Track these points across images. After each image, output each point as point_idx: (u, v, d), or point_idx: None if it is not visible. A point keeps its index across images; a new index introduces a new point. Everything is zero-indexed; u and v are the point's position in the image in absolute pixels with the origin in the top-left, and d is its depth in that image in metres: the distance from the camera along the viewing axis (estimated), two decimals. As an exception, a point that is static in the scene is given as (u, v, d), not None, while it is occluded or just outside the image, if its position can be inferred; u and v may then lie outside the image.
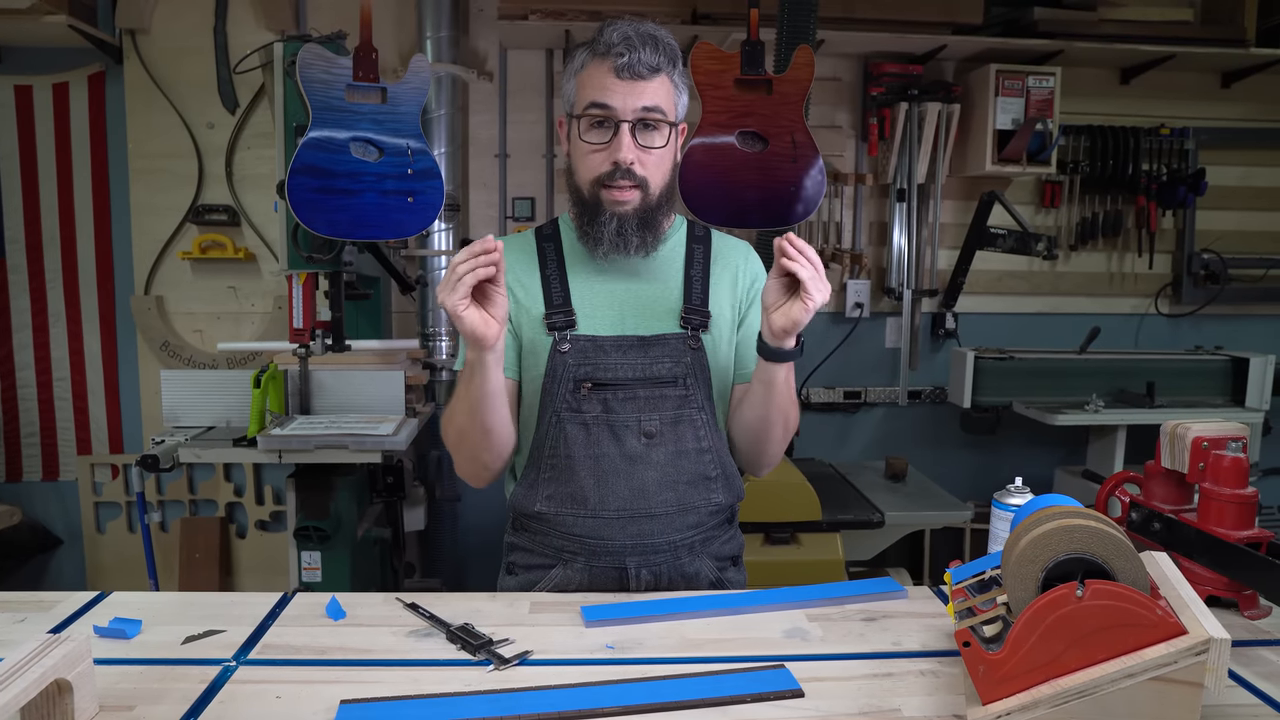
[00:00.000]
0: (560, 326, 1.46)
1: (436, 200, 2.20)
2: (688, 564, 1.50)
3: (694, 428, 1.47)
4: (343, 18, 2.74)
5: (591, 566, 1.47)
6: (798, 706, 1.06)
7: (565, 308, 1.47)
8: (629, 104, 1.39)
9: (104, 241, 3.25)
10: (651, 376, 1.45)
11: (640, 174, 1.42)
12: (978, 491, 3.31)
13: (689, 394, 1.47)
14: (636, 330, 1.47)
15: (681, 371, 1.46)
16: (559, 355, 1.44)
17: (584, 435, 1.44)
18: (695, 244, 1.56)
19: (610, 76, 1.39)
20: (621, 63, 1.38)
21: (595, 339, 1.45)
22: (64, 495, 3.37)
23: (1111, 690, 0.91)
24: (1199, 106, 3.49)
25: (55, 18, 2.82)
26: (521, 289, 1.49)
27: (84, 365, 3.31)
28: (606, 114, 1.40)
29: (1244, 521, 1.29)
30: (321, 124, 2.09)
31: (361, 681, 1.10)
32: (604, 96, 1.39)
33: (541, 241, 1.54)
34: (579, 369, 1.44)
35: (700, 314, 1.49)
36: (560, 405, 1.44)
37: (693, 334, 1.48)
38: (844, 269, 3.43)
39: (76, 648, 0.94)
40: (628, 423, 1.44)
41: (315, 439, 2.41)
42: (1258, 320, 3.65)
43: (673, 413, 1.46)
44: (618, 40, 1.39)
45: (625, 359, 1.45)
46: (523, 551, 1.54)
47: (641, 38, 1.40)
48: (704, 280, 1.52)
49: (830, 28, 2.96)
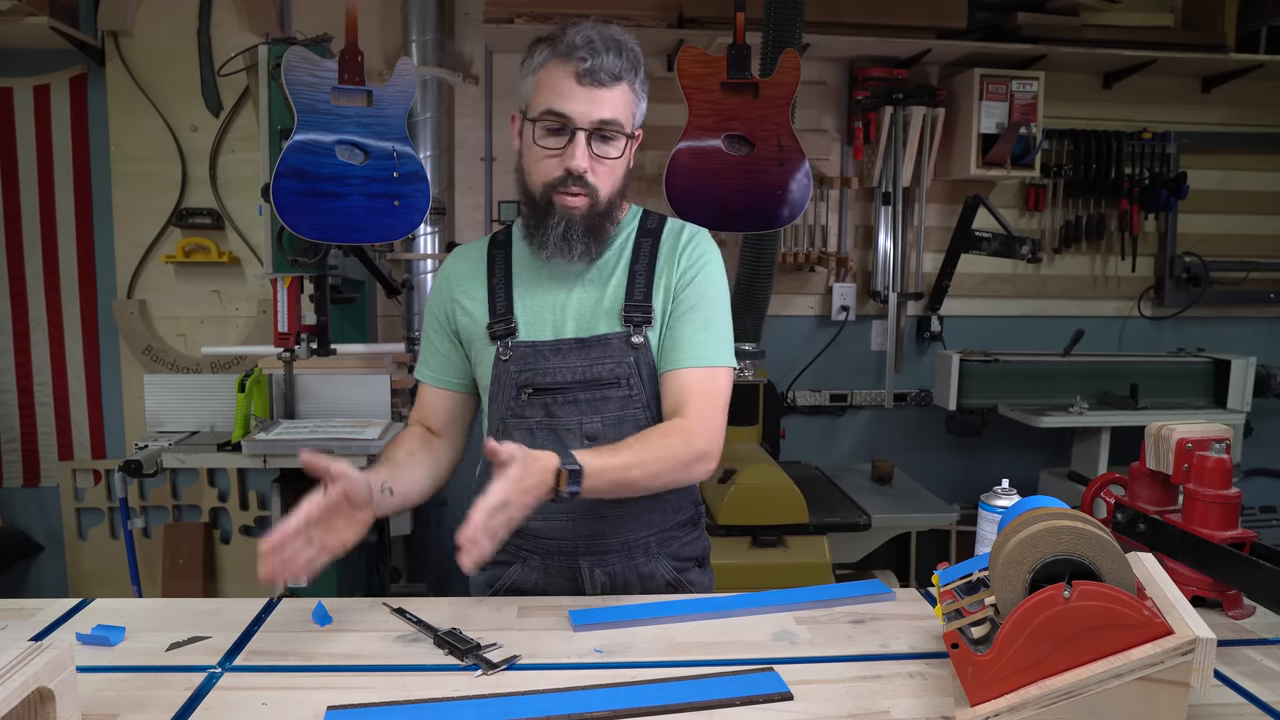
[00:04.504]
0: (501, 335, 1.45)
1: (422, 204, 2.19)
2: (643, 564, 1.49)
3: (638, 426, 1.42)
4: (328, 20, 2.72)
5: (546, 565, 1.48)
6: (786, 710, 1.06)
7: (506, 316, 1.46)
8: (587, 113, 1.36)
9: (86, 245, 3.22)
10: (591, 379, 1.43)
11: (592, 182, 1.39)
12: (963, 494, 3.32)
13: (632, 394, 1.44)
14: (576, 332, 1.45)
15: (624, 372, 1.43)
16: (501, 363, 1.45)
17: (529, 440, 1.41)
18: (644, 237, 1.49)
19: (570, 81, 1.35)
20: (584, 68, 1.34)
21: (535, 344, 1.44)
22: (45, 501, 3.34)
23: (1099, 691, 0.92)
24: (1180, 111, 3.52)
25: (36, 19, 2.79)
26: (469, 301, 1.49)
27: (66, 370, 3.28)
28: (563, 122, 1.37)
29: (1228, 522, 1.30)
30: (307, 127, 2.08)
31: (348, 687, 1.10)
32: (562, 104, 1.36)
33: (493, 249, 1.53)
34: (520, 375, 1.44)
35: (642, 310, 1.44)
36: (505, 412, 1.45)
37: (635, 330, 1.44)
38: (830, 272, 3.44)
39: (59, 655, 0.92)
40: (569, 426, 1.43)
41: (300, 443, 2.39)
42: (1239, 322, 3.68)
43: (615, 414, 1.44)
44: (581, 43, 1.35)
45: (564, 362, 1.43)
46: None
47: (605, 42, 1.36)
48: (648, 275, 1.46)
49: (816, 32, 2.96)
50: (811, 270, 3.43)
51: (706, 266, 1.47)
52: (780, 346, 3.41)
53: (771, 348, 3.18)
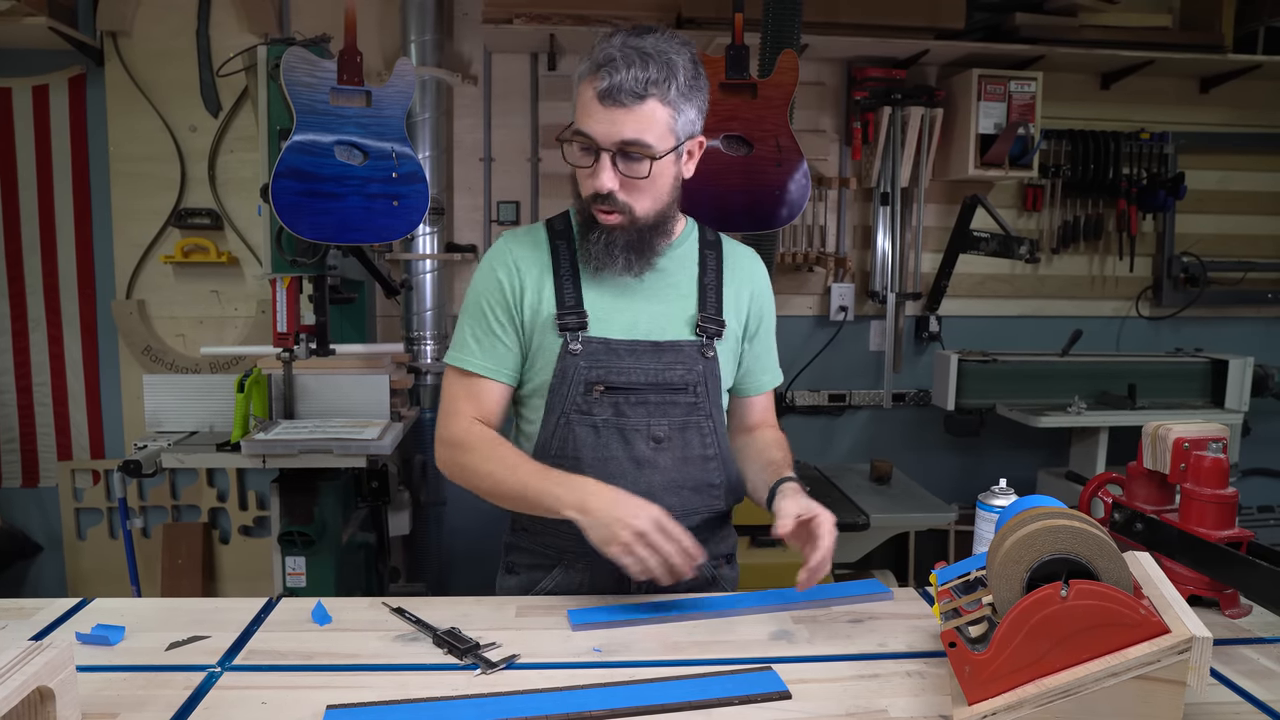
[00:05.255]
0: (573, 328, 1.42)
1: (421, 204, 2.19)
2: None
3: (701, 434, 1.48)
4: (326, 21, 2.73)
5: (593, 567, 1.45)
6: (785, 709, 1.06)
7: (578, 309, 1.43)
8: (609, 134, 1.32)
9: (85, 246, 3.22)
10: (664, 382, 1.44)
11: (622, 200, 1.37)
12: (962, 493, 3.33)
13: (699, 401, 1.47)
14: (650, 335, 1.45)
15: (694, 379, 1.46)
16: (570, 356, 1.42)
17: (593, 438, 1.43)
18: (707, 250, 1.53)
19: (594, 102, 1.32)
20: (603, 88, 1.30)
21: (608, 341, 1.43)
22: (44, 501, 3.34)
23: (1096, 689, 0.92)
24: (1178, 111, 3.52)
25: (35, 19, 2.79)
26: (533, 288, 1.45)
27: (64, 370, 3.28)
28: (590, 142, 1.34)
29: (1225, 521, 1.31)
30: (306, 127, 2.09)
31: (348, 687, 1.10)
32: (587, 125, 1.33)
33: (554, 238, 1.49)
34: (591, 371, 1.42)
35: (716, 323, 1.48)
36: (570, 407, 1.43)
37: (707, 342, 1.47)
38: (828, 273, 3.44)
39: (59, 654, 0.93)
40: (637, 427, 1.44)
41: (299, 443, 2.40)
42: (1236, 322, 3.68)
43: (681, 419, 1.46)
44: (604, 60, 1.30)
45: (638, 363, 1.43)
46: (523, 551, 1.53)
47: (627, 56, 1.30)
48: (718, 288, 1.50)
49: (814, 32, 2.97)
50: (810, 270, 3.44)
51: (769, 292, 1.60)
52: (779, 346, 3.40)
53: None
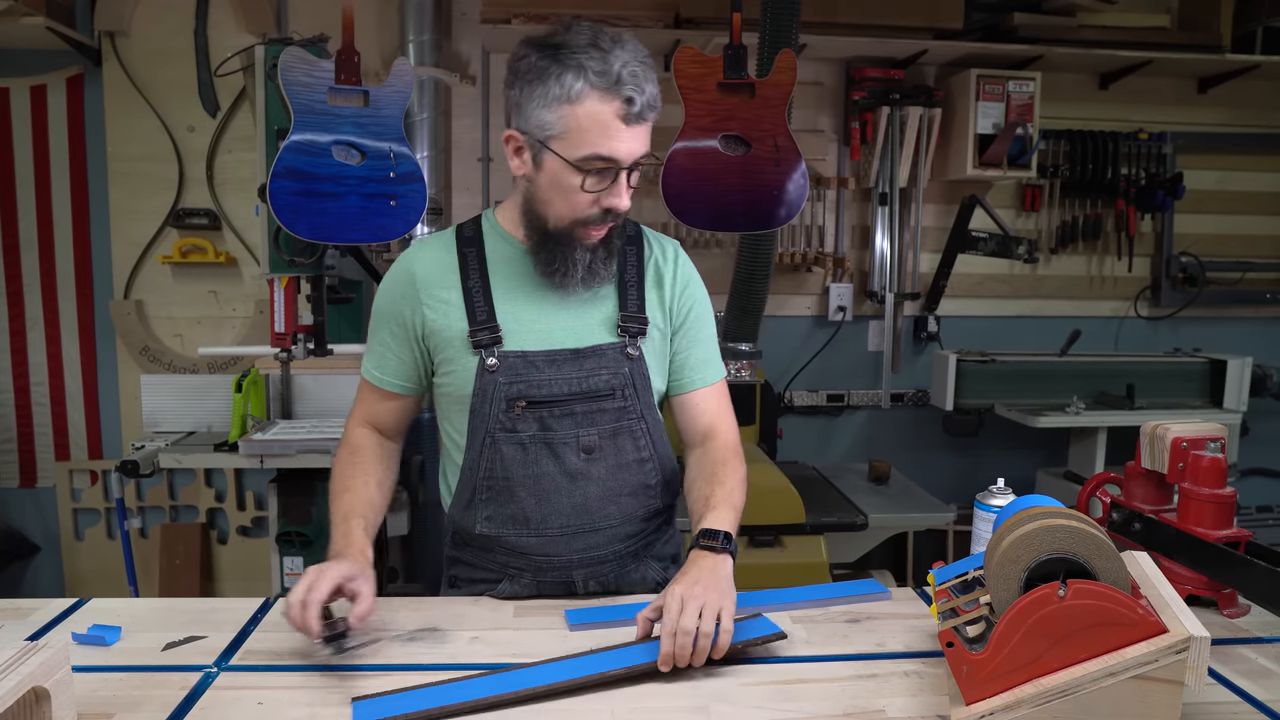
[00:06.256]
0: (486, 344, 1.36)
1: (419, 204, 2.19)
2: (633, 570, 1.49)
3: (633, 438, 1.42)
4: (324, 21, 2.72)
5: (538, 580, 1.44)
6: (784, 708, 1.06)
7: (490, 323, 1.37)
8: (633, 151, 1.27)
9: (82, 245, 3.22)
10: (588, 390, 1.38)
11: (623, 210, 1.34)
12: (960, 493, 3.32)
13: (627, 405, 1.41)
14: (567, 342, 1.39)
15: (620, 382, 1.40)
16: (487, 374, 1.36)
17: (521, 455, 1.38)
18: (628, 245, 1.46)
19: (617, 123, 1.24)
20: (632, 111, 1.24)
21: (525, 354, 1.37)
22: (41, 502, 3.33)
23: (1093, 689, 0.92)
24: (1176, 111, 3.52)
25: (33, 19, 2.79)
26: (441, 305, 1.39)
27: (62, 370, 3.27)
28: (610, 164, 1.27)
29: (1223, 521, 1.30)
30: (303, 127, 2.08)
31: (345, 688, 1.10)
32: (611, 148, 1.25)
33: (463, 246, 1.42)
34: (510, 387, 1.36)
35: (637, 321, 1.42)
36: (494, 426, 1.37)
37: (630, 340, 1.41)
38: (826, 273, 3.44)
39: (54, 654, 0.93)
40: (566, 439, 1.38)
41: (297, 443, 2.39)
42: (1235, 322, 3.69)
43: (611, 425, 1.40)
44: (626, 77, 1.23)
45: (559, 373, 1.37)
46: (466, 565, 1.50)
47: (645, 69, 1.25)
48: (639, 285, 1.44)
49: (812, 32, 2.97)
50: (808, 270, 3.44)
51: (697, 283, 1.51)
52: (777, 347, 3.41)
53: (768, 348, 3.18)
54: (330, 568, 1.18)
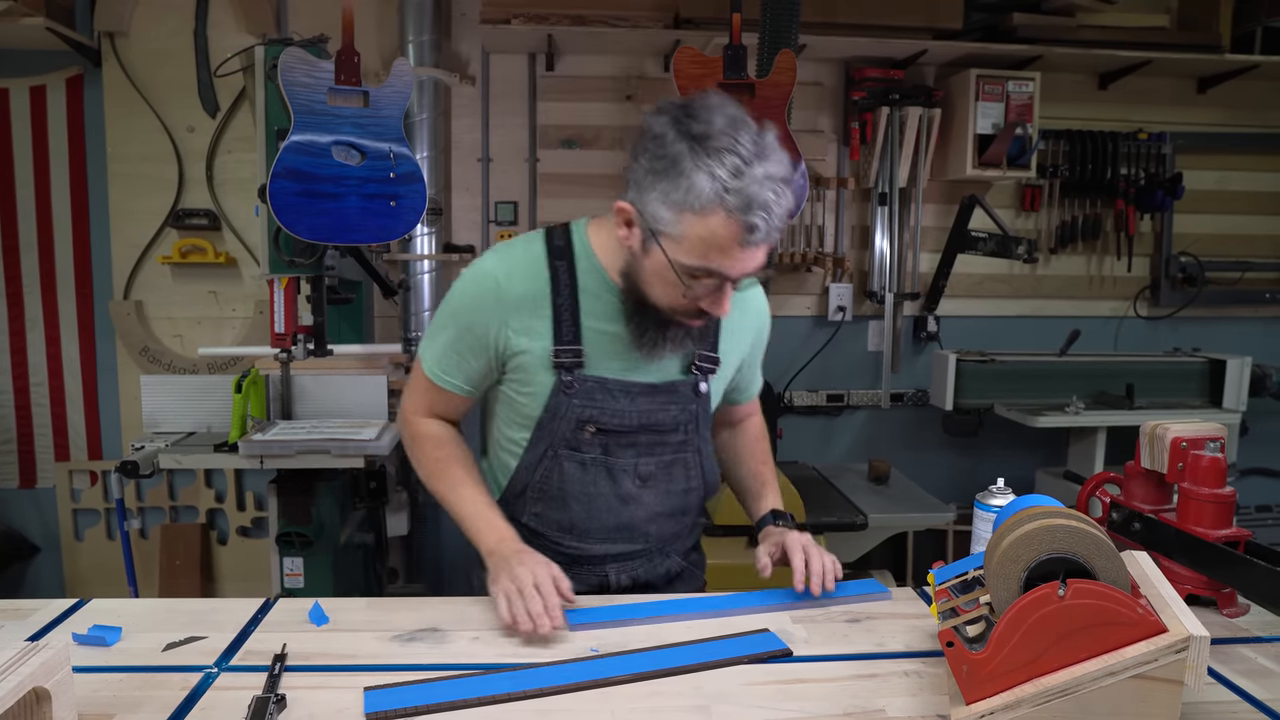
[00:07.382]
0: (569, 367, 1.37)
1: (419, 204, 2.19)
2: (659, 564, 1.54)
3: (686, 468, 1.49)
4: (324, 21, 2.72)
5: (573, 574, 1.44)
6: (784, 708, 1.06)
7: (575, 346, 1.36)
8: (745, 268, 1.23)
9: (82, 246, 3.22)
10: (654, 424, 1.42)
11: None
12: (960, 493, 3.33)
13: (687, 439, 1.47)
14: (645, 376, 1.40)
15: (686, 419, 1.45)
16: (564, 396, 1.38)
17: (580, 473, 1.43)
18: None
19: (737, 246, 1.19)
20: (755, 238, 1.18)
21: (604, 381, 1.38)
22: (41, 502, 3.33)
23: (1093, 689, 0.92)
24: (1175, 111, 3.52)
25: (32, 20, 2.79)
26: (529, 329, 1.36)
27: (62, 371, 3.27)
28: (720, 278, 1.24)
29: (1222, 521, 1.31)
30: (303, 127, 2.08)
31: (346, 687, 1.10)
32: (723, 266, 1.21)
33: (554, 259, 1.37)
34: (584, 410, 1.38)
35: (711, 361, 1.45)
36: (559, 442, 1.41)
37: (701, 378, 1.44)
38: (826, 273, 3.44)
39: (55, 655, 0.92)
40: (625, 466, 1.43)
41: (297, 444, 2.39)
42: (1234, 322, 3.69)
43: (669, 457, 1.46)
44: (758, 204, 1.16)
45: (632, 405, 1.40)
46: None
47: (781, 190, 1.18)
48: (716, 325, 1.45)
49: (812, 33, 2.97)
50: (808, 270, 3.44)
51: (766, 313, 1.58)
52: (777, 347, 3.36)
53: (768, 348, 3.17)
54: (538, 567, 1.29)
